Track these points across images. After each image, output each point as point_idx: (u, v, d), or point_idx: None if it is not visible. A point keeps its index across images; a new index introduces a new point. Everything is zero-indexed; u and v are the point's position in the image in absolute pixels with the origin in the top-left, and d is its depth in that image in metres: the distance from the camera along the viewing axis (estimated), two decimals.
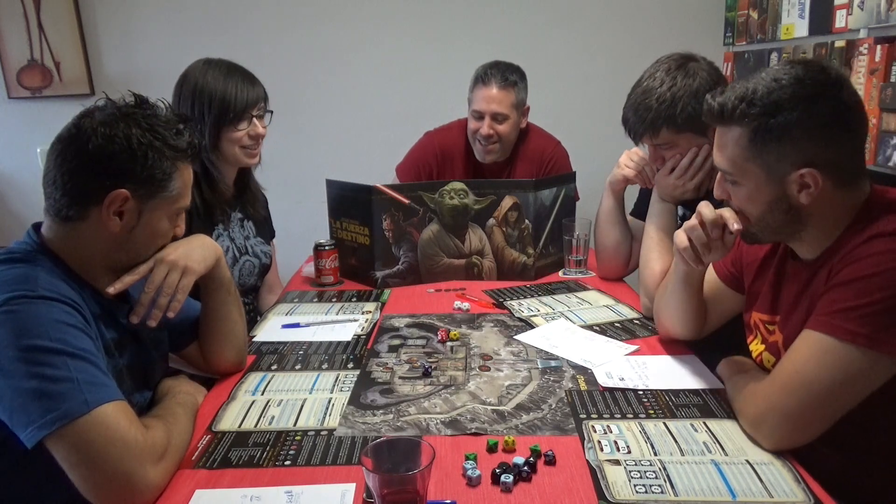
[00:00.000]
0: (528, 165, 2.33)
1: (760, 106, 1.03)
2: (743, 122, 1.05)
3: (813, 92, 1.02)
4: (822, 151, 1.03)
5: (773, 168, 1.05)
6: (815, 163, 1.03)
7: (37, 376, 0.92)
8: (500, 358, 1.42)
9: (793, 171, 1.04)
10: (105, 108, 1.07)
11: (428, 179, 2.34)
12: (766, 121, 1.03)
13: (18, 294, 0.96)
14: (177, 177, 1.10)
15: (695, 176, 1.60)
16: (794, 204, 1.06)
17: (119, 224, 1.07)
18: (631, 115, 1.57)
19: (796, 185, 1.05)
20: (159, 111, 1.11)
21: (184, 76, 1.69)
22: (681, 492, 0.94)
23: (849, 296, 0.99)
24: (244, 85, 1.68)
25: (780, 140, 1.03)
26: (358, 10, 2.95)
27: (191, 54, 1.75)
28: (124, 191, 1.05)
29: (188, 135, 1.11)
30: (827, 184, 1.04)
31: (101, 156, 1.03)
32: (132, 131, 1.04)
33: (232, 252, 1.77)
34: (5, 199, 3.07)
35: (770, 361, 1.19)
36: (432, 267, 1.95)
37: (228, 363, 1.37)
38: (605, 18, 2.96)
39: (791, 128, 1.02)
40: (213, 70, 1.67)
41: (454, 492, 0.96)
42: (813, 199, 1.05)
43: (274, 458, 1.06)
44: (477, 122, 2.25)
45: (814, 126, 1.02)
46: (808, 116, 1.02)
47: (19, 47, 2.91)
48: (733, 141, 1.08)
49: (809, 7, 2.15)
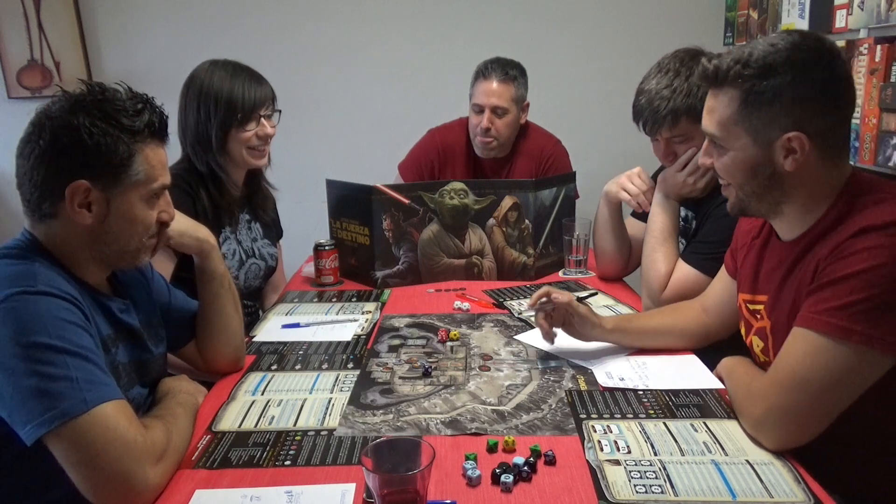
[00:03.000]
0: (528, 162, 2.34)
1: (755, 68, 1.03)
2: (736, 83, 1.05)
3: (808, 58, 1.03)
4: (810, 118, 1.03)
5: (761, 132, 1.06)
6: (803, 128, 1.03)
7: (36, 374, 0.92)
8: (500, 358, 1.42)
9: (781, 136, 1.04)
10: (58, 101, 1.05)
11: (429, 176, 2.36)
12: (758, 83, 1.03)
13: (19, 289, 0.96)
14: (139, 159, 1.07)
15: (706, 173, 1.59)
16: (779, 170, 1.07)
17: (89, 216, 1.05)
18: (647, 106, 1.55)
19: (783, 150, 1.05)
20: (116, 94, 1.07)
21: (190, 78, 1.68)
22: (681, 492, 0.94)
23: (842, 293, 0.99)
24: (251, 84, 1.66)
25: (770, 103, 1.03)
26: (358, 10, 2.95)
27: (191, 54, 1.75)
28: (83, 182, 1.03)
29: (147, 115, 1.08)
30: (813, 152, 1.04)
31: (54, 150, 1.02)
32: (81, 120, 1.02)
33: (238, 255, 1.77)
34: (5, 199, 3.07)
35: (759, 346, 1.20)
36: (432, 267, 1.95)
37: (226, 360, 1.37)
38: (604, 18, 2.96)
39: (783, 91, 1.02)
40: (220, 70, 1.66)
41: (454, 492, 0.96)
42: (798, 165, 1.05)
43: (274, 458, 1.05)
44: (477, 116, 2.26)
45: (805, 92, 1.02)
46: (800, 82, 1.02)
47: (19, 47, 2.91)
48: (724, 103, 1.08)
49: (809, 7, 2.15)
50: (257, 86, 1.67)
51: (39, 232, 1.08)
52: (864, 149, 1.81)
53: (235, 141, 1.66)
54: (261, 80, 1.69)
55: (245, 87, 1.65)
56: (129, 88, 1.10)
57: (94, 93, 1.06)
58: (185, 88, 1.68)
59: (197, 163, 1.67)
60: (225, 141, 1.66)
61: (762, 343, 1.19)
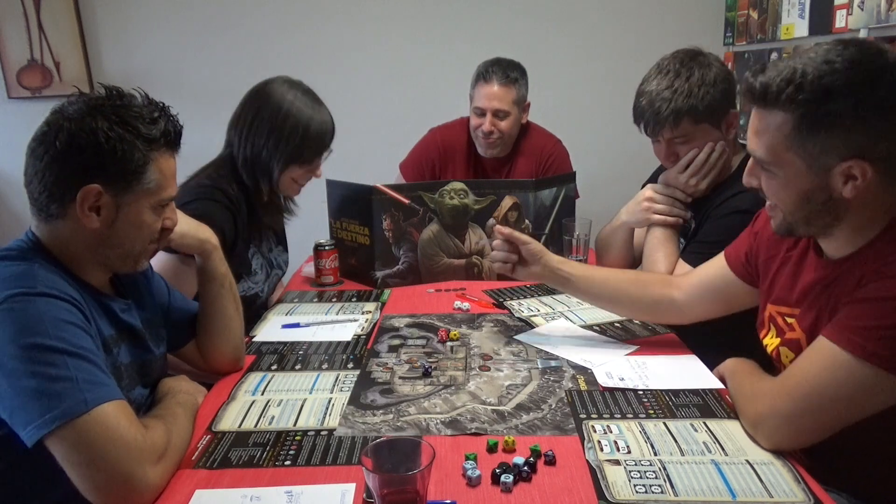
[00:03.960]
0: (529, 161, 2.35)
1: (810, 91, 0.93)
2: (789, 107, 0.95)
3: (870, 76, 0.92)
4: (873, 144, 0.94)
5: (816, 159, 0.96)
6: (864, 155, 0.94)
7: (36, 375, 0.92)
8: (500, 358, 1.42)
9: (839, 164, 0.95)
10: (75, 102, 1.05)
11: (430, 175, 2.38)
12: (815, 108, 0.93)
13: (18, 291, 0.96)
14: (153, 168, 1.07)
15: (709, 174, 1.59)
16: (836, 197, 0.98)
17: (97, 220, 1.05)
18: (648, 108, 1.54)
19: (842, 178, 0.96)
20: (133, 101, 1.07)
21: (266, 94, 1.62)
22: (681, 492, 0.94)
23: (874, 313, 0.95)
24: (327, 122, 1.64)
25: (829, 129, 0.94)
26: (358, 10, 2.95)
27: (191, 54, 1.75)
28: (96, 186, 1.03)
29: (164, 123, 1.08)
30: (874, 177, 0.95)
31: (69, 152, 1.02)
32: (99, 124, 1.02)
33: (265, 269, 1.77)
34: (5, 199, 3.07)
35: (789, 357, 1.15)
36: (432, 267, 1.95)
37: (226, 360, 1.37)
38: (604, 18, 2.96)
39: (843, 117, 0.93)
40: (301, 96, 1.63)
41: (454, 492, 0.96)
42: (858, 192, 0.96)
43: (274, 458, 1.06)
44: (479, 119, 2.26)
45: (869, 114, 0.92)
46: (863, 104, 0.92)
47: (19, 47, 2.92)
48: (775, 127, 0.98)
49: (809, 7, 2.15)
50: (330, 125, 1.66)
51: (43, 232, 1.08)
52: None
53: (292, 173, 1.66)
54: (330, 118, 1.67)
55: (323, 125, 1.63)
56: (145, 95, 1.10)
57: (112, 97, 1.06)
58: (253, 99, 1.63)
59: (247, 178, 1.65)
60: (284, 169, 1.64)
61: (793, 355, 1.13)
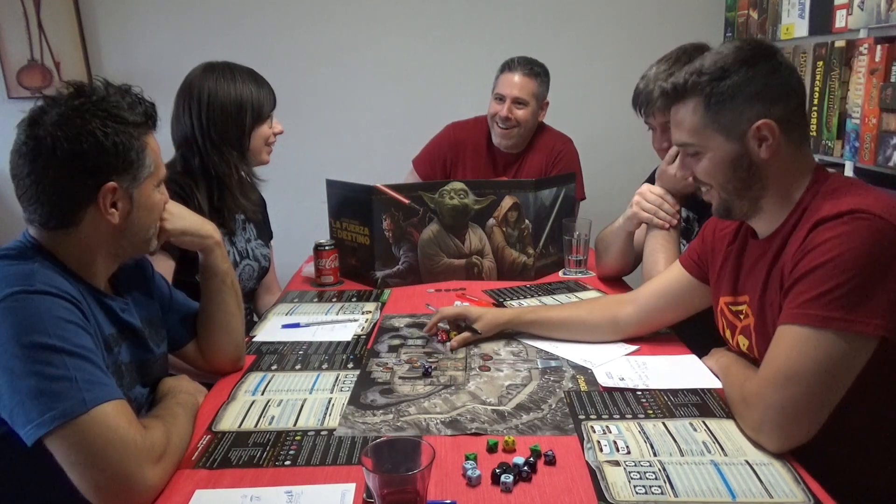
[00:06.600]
0: (540, 157, 2.41)
1: (709, 73, 1.12)
2: (696, 92, 1.13)
3: (752, 55, 1.12)
4: (771, 105, 1.10)
5: (731, 127, 1.12)
6: (768, 115, 1.10)
7: (36, 374, 0.92)
8: (500, 358, 1.42)
9: (750, 126, 1.10)
10: (48, 109, 1.04)
11: (442, 169, 2.45)
12: (717, 84, 1.11)
13: (18, 289, 0.96)
14: (148, 151, 1.09)
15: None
16: (756, 160, 1.12)
17: (117, 214, 1.07)
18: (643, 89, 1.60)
19: (756, 140, 1.11)
20: (104, 92, 1.06)
21: (192, 88, 1.66)
22: (680, 492, 0.94)
23: (813, 285, 1.02)
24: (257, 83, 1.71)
25: (732, 99, 1.11)
26: (358, 10, 2.95)
27: (191, 54, 1.75)
28: (111, 183, 1.04)
29: (140, 105, 1.09)
30: (782, 136, 1.10)
31: (75, 160, 1.01)
32: (92, 124, 1.02)
33: (233, 256, 1.76)
34: (5, 199, 3.07)
35: (745, 344, 1.23)
36: (432, 267, 1.95)
37: (226, 358, 1.37)
38: (604, 19, 2.96)
39: (740, 86, 1.10)
40: (224, 75, 1.67)
41: (454, 492, 0.96)
42: (772, 151, 1.11)
43: (274, 458, 1.06)
44: (498, 105, 2.34)
45: (760, 83, 1.10)
46: (752, 75, 1.10)
47: (19, 47, 2.91)
48: (690, 112, 1.15)
49: (809, 7, 2.15)
50: (262, 81, 1.72)
51: (45, 238, 1.07)
52: (864, 149, 1.81)
53: (260, 137, 1.71)
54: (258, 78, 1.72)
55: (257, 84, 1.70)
56: (105, 81, 1.09)
57: (85, 94, 1.05)
58: (185, 97, 1.66)
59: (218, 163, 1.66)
60: (248, 143, 1.69)
61: (747, 341, 1.22)
